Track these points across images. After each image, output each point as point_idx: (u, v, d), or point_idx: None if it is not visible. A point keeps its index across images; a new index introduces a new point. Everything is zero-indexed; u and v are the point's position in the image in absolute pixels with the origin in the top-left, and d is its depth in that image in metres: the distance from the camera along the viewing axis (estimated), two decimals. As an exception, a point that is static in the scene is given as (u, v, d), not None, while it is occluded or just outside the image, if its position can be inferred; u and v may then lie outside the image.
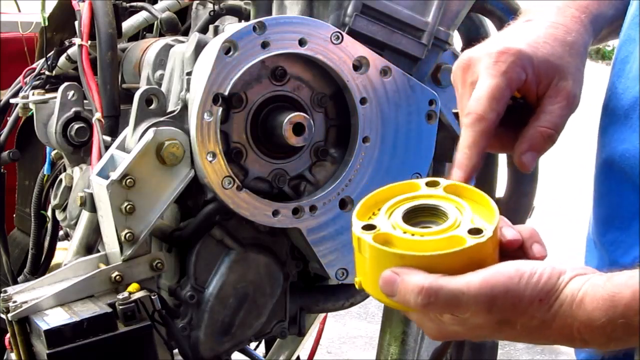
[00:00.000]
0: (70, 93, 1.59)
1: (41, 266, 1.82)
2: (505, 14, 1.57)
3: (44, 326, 1.17)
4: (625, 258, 0.91)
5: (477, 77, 0.88)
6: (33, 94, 1.66)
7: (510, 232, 0.80)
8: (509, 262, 0.76)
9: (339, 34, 1.28)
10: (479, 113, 0.85)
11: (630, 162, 0.89)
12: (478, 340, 0.78)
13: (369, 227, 0.82)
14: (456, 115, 0.94)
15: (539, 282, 0.73)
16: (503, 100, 0.86)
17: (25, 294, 1.26)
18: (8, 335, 1.27)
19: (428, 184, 0.85)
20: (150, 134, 1.26)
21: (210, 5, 1.64)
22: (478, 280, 0.74)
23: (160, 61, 1.57)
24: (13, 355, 1.27)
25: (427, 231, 0.80)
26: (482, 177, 1.57)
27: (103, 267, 1.28)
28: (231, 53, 1.24)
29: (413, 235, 0.79)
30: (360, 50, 1.30)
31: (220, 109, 1.24)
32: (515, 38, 0.90)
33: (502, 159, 1.60)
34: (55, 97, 1.60)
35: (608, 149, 0.94)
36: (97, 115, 1.44)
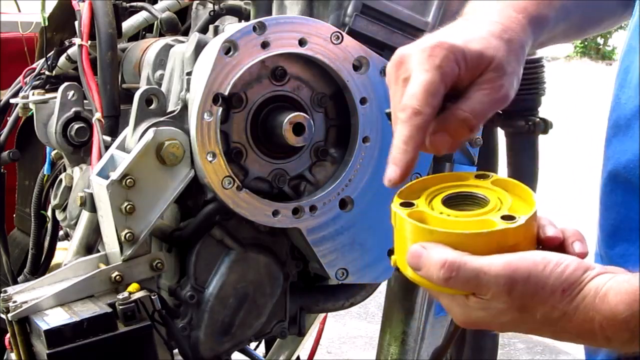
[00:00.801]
0: (70, 93, 1.59)
1: (41, 266, 1.82)
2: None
3: (44, 326, 1.17)
4: (635, 271, 0.91)
5: (409, 74, 0.86)
6: (33, 94, 1.66)
7: (552, 230, 0.80)
8: (538, 251, 0.76)
9: (339, 34, 1.28)
10: (415, 107, 0.83)
11: (636, 172, 0.89)
12: (503, 331, 0.77)
13: (407, 205, 0.84)
14: (388, 115, 0.90)
15: (563, 273, 0.73)
16: (438, 94, 0.84)
17: (25, 294, 1.26)
18: (8, 335, 1.27)
19: (477, 176, 0.87)
20: (150, 134, 1.26)
21: (210, 5, 1.64)
22: (501, 262, 0.74)
23: (160, 61, 1.57)
24: (13, 355, 1.27)
25: (462, 213, 0.81)
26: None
27: (103, 267, 1.28)
28: (231, 53, 1.24)
29: (448, 216, 0.81)
30: (360, 50, 1.30)
31: (220, 109, 1.24)
32: (450, 34, 0.89)
33: (502, 159, 1.61)
34: (55, 97, 1.60)
35: (612, 161, 0.93)
36: (97, 115, 1.44)
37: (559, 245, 0.79)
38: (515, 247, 0.77)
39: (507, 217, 0.78)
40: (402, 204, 0.84)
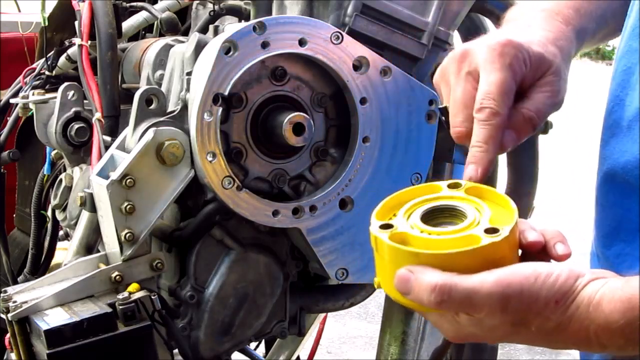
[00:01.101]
0: (70, 93, 1.59)
1: (41, 266, 1.82)
2: (505, 14, 1.57)
3: (44, 326, 1.17)
4: (632, 271, 0.91)
5: (475, 68, 0.88)
6: (33, 94, 1.66)
7: (533, 234, 0.79)
8: (526, 263, 0.75)
9: (339, 34, 1.28)
10: (494, 108, 0.85)
11: (635, 173, 0.89)
12: (496, 342, 0.77)
13: (386, 227, 0.82)
14: (444, 110, 0.92)
15: (555, 283, 0.73)
16: (511, 93, 0.86)
17: (25, 294, 1.26)
18: (8, 335, 1.27)
19: (450, 186, 0.85)
20: (150, 134, 1.26)
21: (210, 5, 1.64)
22: (492, 279, 0.73)
23: (160, 61, 1.56)
24: (13, 355, 1.27)
25: (443, 230, 0.79)
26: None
27: (103, 267, 1.28)
28: (231, 53, 1.24)
29: (430, 234, 0.79)
30: (360, 50, 1.30)
31: (220, 109, 1.24)
32: (513, 34, 0.90)
33: (502, 159, 1.60)
34: (55, 97, 1.60)
35: (610, 161, 0.93)
36: (97, 115, 1.44)
37: (541, 250, 0.79)
38: (502, 259, 0.76)
39: (491, 230, 0.76)
40: (381, 227, 0.82)
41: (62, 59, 1.75)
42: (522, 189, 1.62)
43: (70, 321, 1.18)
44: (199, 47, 1.32)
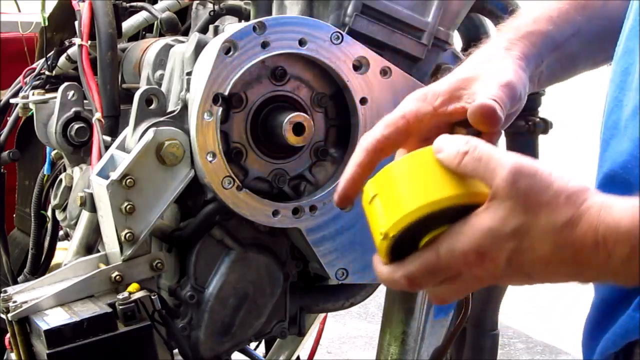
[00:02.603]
0: (70, 93, 1.59)
1: (41, 266, 1.82)
2: (505, 14, 1.57)
3: (44, 326, 1.17)
4: None
5: None
6: (33, 94, 1.66)
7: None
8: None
9: (339, 34, 1.28)
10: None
11: (635, 172, 0.88)
12: (506, 248, 0.75)
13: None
14: None
15: (568, 182, 0.74)
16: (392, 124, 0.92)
17: (25, 294, 1.26)
18: (8, 335, 1.27)
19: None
20: (150, 134, 1.26)
21: (210, 5, 1.64)
22: (512, 157, 0.76)
23: (160, 61, 1.56)
24: (13, 355, 1.27)
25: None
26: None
27: (103, 267, 1.28)
28: (231, 53, 1.24)
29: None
30: (360, 50, 1.30)
31: (220, 109, 1.24)
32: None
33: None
34: (55, 97, 1.60)
35: (610, 162, 0.93)
36: (97, 115, 1.44)
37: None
38: None
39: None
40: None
41: (62, 59, 1.76)
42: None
43: (70, 321, 1.18)
44: (199, 47, 1.32)
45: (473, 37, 1.64)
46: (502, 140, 1.60)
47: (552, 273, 0.77)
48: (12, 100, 1.80)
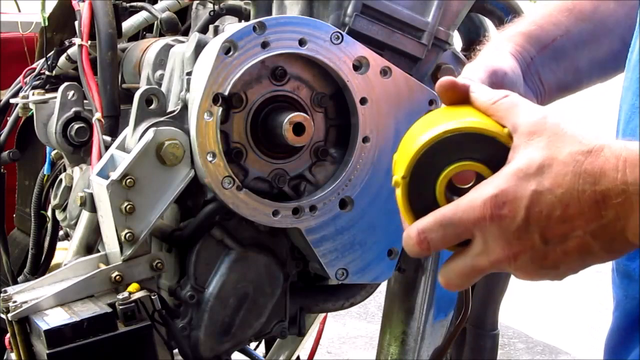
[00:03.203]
0: (70, 93, 1.59)
1: (41, 266, 1.82)
2: (505, 14, 1.57)
3: (44, 326, 1.17)
4: None
5: None
6: (33, 94, 1.66)
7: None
8: None
9: (339, 34, 1.28)
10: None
11: None
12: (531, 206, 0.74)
13: None
14: None
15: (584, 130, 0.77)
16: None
17: (25, 294, 1.26)
18: (8, 335, 1.27)
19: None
20: (150, 134, 1.26)
21: (210, 5, 1.64)
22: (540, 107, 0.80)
23: (160, 61, 1.57)
24: (13, 355, 1.27)
25: None
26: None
27: (103, 267, 1.28)
28: (231, 53, 1.24)
29: None
30: (360, 50, 1.30)
31: (220, 109, 1.24)
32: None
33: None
34: (55, 97, 1.60)
35: None
36: (97, 115, 1.44)
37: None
38: None
39: None
40: None
41: (62, 59, 1.76)
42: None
43: (70, 321, 1.18)
44: (199, 47, 1.32)
45: (473, 37, 1.65)
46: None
47: (570, 234, 0.75)
48: (12, 100, 1.80)
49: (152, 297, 1.25)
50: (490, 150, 0.78)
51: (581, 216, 0.74)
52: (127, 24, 1.80)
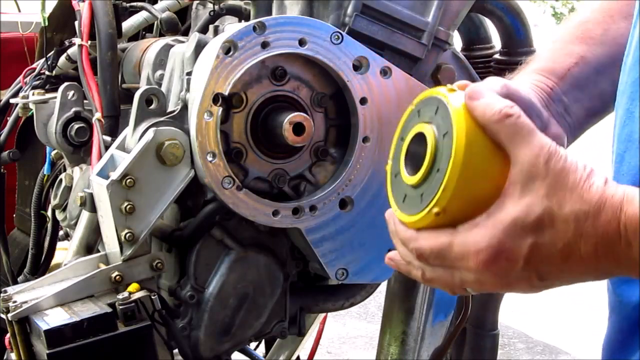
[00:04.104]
0: (70, 93, 1.59)
1: (41, 266, 1.82)
2: (505, 14, 1.57)
3: (44, 326, 1.17)
4: None
5: None
6: (33, 94, 1.66)
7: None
8: None
9: (339, 34, 1.28)
10: None
11: None
12: (530, 233, 0.73)
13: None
14: None
15: (592, 169, 0.74)
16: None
17: (25, 294, 1.26)
18: (8, 335, 1.27)
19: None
20: (150, 134, 1.26)
21: (210, 5, 1.64)
22: (544, 137, 0.76)
23: (160, 61, 1.57)
24: (13, 355, 1.27)
25: None
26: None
27: (103, 267, 1.28)
28: (231, 53, 1.24)
29: None
30: (360, 50, 1.30)
31: (220, 109, 1.24)
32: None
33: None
34: (55, 97, 1.60)
35: (629, 177, 0.91)
36: (97, 115, 1.44)
37: None
38: None
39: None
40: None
41: (62, 59, 1.76)
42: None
43: (70, 321, 1.18)
44: (199, 47, 1.32)
45: (473, 37, 1.65)
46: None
47: (567, 271, 0.76)
48: (12, 100, 1.80)
49: (152, 297, 1.25)
50: (434, 109, 0.79)
51: (581, 264, 0.75)
52: (127, 24, 1.80)
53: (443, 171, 0.75)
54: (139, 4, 1.84)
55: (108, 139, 1.40)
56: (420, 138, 0.81)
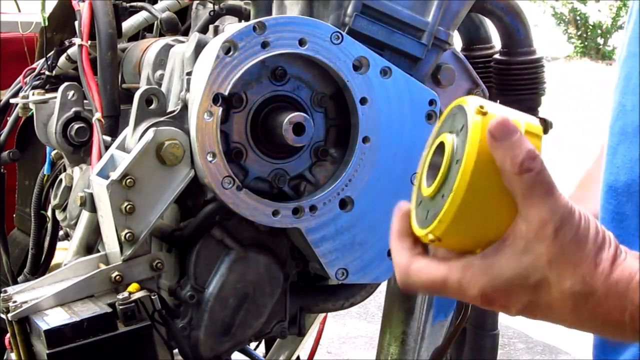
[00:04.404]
0: (70, 93, 1.59)
1: (41, 266, 1.82)
2: (505, 14, 1.57)
3: (44, 326, 1.17)
4: None
5: None
6: (33, 94, 1.66)
7: None
8: None
9: (339, 34, 1.29)
10: None
11: None
12: (518, 309, 0.72)
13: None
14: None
15: (601, 241, 0.70)
16: None
17: (25, 294, 1.26)
18: (8, 335, 1.27)
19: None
20: (150, 134, 1.26)
21: (210, 5, 1.64)
22: (565, 198, 0.71)
23: (160, 61, 1.57)
24: (13, 355, 1.27)
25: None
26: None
27: (103, 267, 1.28)
28: (231, 53, 1.24)
29: None
30: (360, 50, 1.30)
31: (220, 109, 1.24)
32: None
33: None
34: (55, 97, 1.61)
35: (625, 171, 0.90)
36: (97, 115, 1.44)
37: None
38: None
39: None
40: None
41: (62, 59, 1.76)
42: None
43: (70, 321, 1.18)
44: (199, 47, 1.32)
45: (473, 37, 1.65)
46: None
47: (564, 325, 0.75)
48: (12, 100, 1.80)
49: (152, 297, 1.25)
50: (462, 123, 0.74)
51: (579, 328, 0.74)
52: (127, 24, 1.80)
53: (445, 199, 0.72)
54: (139, 4, 1.84)
55: (108, 139, 1.40)
56: (442, 149, 0.76)
